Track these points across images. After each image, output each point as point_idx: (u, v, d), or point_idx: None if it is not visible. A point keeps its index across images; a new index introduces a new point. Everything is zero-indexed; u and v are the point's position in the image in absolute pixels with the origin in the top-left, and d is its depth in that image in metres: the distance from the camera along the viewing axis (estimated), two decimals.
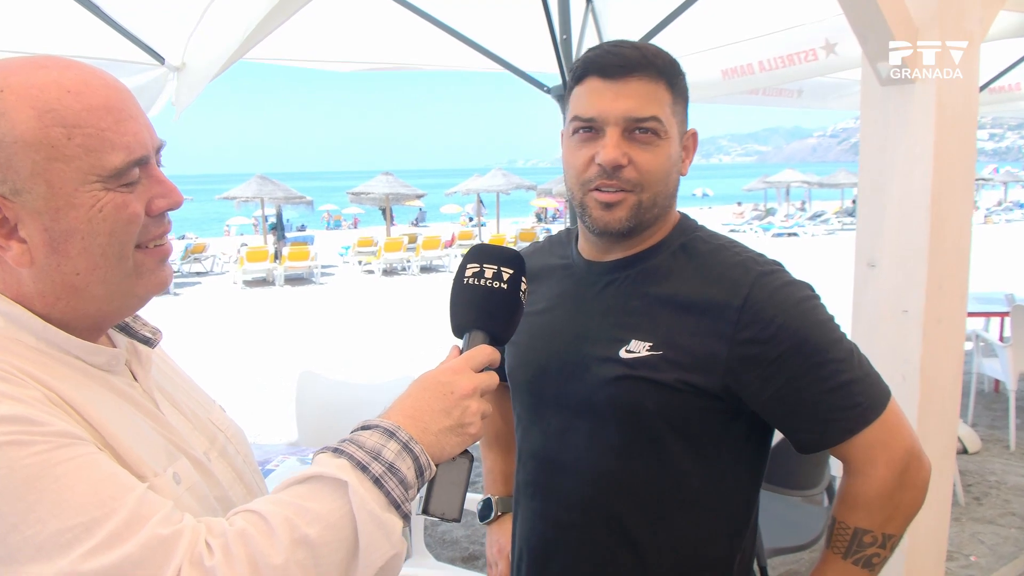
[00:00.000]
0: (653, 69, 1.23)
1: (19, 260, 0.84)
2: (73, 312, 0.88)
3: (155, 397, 0.97)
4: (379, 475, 0.83)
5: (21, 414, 0.75)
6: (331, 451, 0.85)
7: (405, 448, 0.86)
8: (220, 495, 0.96)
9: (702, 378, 1.21)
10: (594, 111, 1.23)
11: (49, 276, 0.86)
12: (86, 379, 0.88)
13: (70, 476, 0.74)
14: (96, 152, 0.82)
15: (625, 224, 1.25)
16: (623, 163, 1.22)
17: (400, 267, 20.03)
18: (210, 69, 3.03)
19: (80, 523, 0.72)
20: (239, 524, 0.78)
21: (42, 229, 0.83)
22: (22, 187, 0.81)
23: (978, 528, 4.13)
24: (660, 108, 1.23)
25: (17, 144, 0.80)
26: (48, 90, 0.81)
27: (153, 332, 1.02)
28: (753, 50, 3.96)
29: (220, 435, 1.05)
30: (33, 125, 0.80)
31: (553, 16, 3.52)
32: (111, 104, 0.84)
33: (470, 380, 0.95)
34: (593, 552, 1.32)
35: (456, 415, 0.93)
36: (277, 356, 9.75)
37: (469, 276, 1.07)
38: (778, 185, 34.21)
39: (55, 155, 0.81)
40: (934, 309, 2.16)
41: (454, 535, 4.24)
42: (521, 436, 1.45)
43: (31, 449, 0.73)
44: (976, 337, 5.75)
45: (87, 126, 0.82)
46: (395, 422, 0.89)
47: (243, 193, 20.63)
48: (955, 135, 2.13)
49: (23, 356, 0.83)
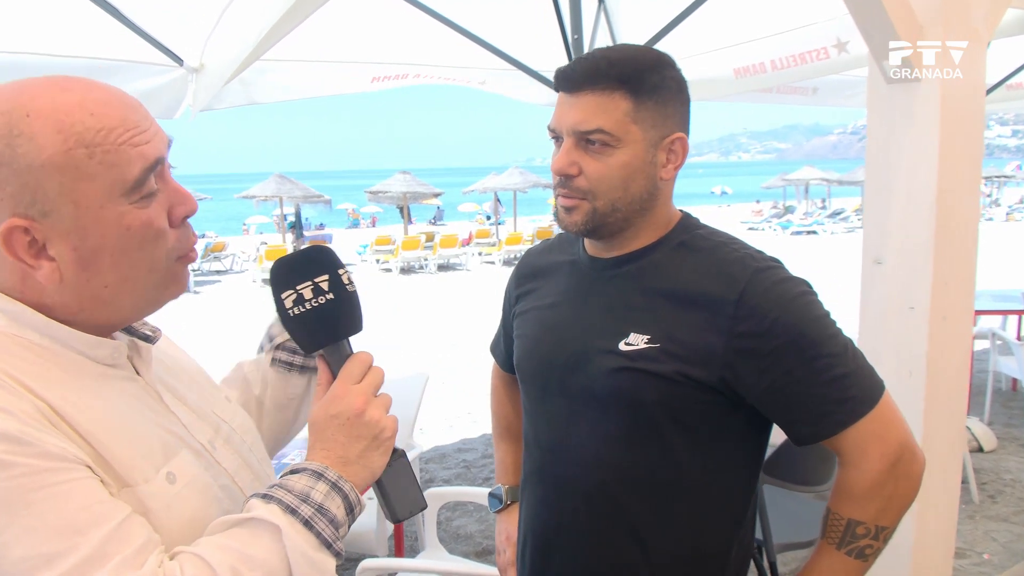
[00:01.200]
0: (606, 80, 1.26)
1: (49, 278, 0.86)
2: (94, 321, 0.91)
3: (158, 390, 1.00)
4: (308, 517, 0.86)
5: (8, 431, 0.76)
6: (260, 497, 0.88)
7: (334, 487, 0.90)
8: (225, 483, 0.99)
9: (699, 371, 1.25)
10: (554, 122, 1.32)
11: (77, 290, 0.88)
12: (86, 378, 0.90)
13: (43, 504, 0.75)
14: (116, 167, 0.85)
15: (582, 227, 1.33)
16: (572, 172, 1.29)
17: (418, 265, 20.11)
18: (228, 70, 3.09)
19: (42, 553, 0.74)
20: (189, 571, 0.80)
21: (71, 248, 0.85)
22: (50, 208, 0.84)
23: (992, 526, 4.12)
24: (608, 119, 1.26)
25: (45, 168, 0.83)
26: (73, 113, 0.84)
27: (153, 330, 1.04)
28: (765, 49, 3.96)
29: (224, 425, 1.07)
30: (59, 148, 0.83)
31: (565, 17, 3.55)
32: (126, 119, 0.87)
33: (356, 396, 0.97)
34: (594, 539, 1.36)
35: (366, 435, 0.95)
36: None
37: (293, 307, 0.99)
38: (797, 183, 33.93)
39: (80, 175, 0.83)
40: (940, 306, 2.17)
41: (468, 530, 4.28)
42: (528, 426, 1.50)
43: (11, 471, 0.75)
44: (993, 335, 5.71)
45: (105, 143, 0.85)
46: (321, 463, 0.92)
47: (262, 192, 20.77)
48: (961, 132, 2.13)
49: (22, 358, 0.85)
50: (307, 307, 0.99)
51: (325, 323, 1.00)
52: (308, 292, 0.98)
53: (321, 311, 0.99)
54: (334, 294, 0.99)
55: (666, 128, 1.31)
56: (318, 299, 0.98)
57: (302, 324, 1.00)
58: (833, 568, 1.28)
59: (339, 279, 1.00)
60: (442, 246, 20.25)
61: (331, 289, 0.99)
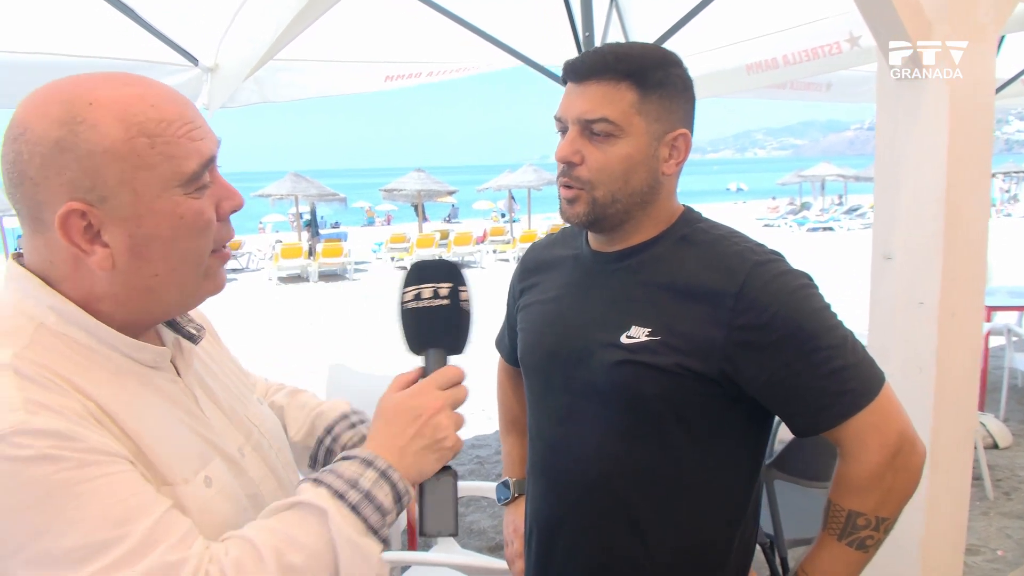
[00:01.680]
0: (614, 72, 1.29)
1: (102, 264, 0.88)
2: (140, 312, 0.93)
3: (195, 393, 1.02)
4: (356, 503, 0.89)
5: (57, 428, 0.79)
6: (311, 481, 0.91)
7: (383, 476, 0.92)
8: (252, 492, 1.01)
9: (700, 363, 1.26)
10: (561, 111, 1.35)
11: (128, 279, 0.90)
12: (130, 379, 0.92)
13: (93, 494, 0.78)
14: (175, 159, 0.88)
15: (584, 219, 1.34)
16: (575, 160, 1.31)
17: None
18: (242, 70, 3.12)
19: (95, 542, 0.77)
20: (234, 552, 0.83)
21: (126, 235, 0.88)
22: (109, 195, 0.86)
23: (1006, 523, 4.10)
24: (613, 108, 1.28)
25: (107, 155, 0.85)
26: (134, 104, 0.87)
27: (198, 329, 1.07)
28: (777, 44, 3.95)
29: (255, 430, 1.09)
30: (121, 137, 0.85)
31: (576, 14, 3.56)
32: (184, 114, 0.90)
33: (436, 399, 1.00)
34: (596, 531, 1.38)
35: (429, 434, 0.97)
36: (310, 350, 9.89)
37: (409, 301, 1.08)
38: (813, 179, 33.67)
39: (141, 164, 0.86)
40: (949, 301, 2.17)
41: (481, 525, 4.31)
42: (531, 420, 1.51)
43: (61, 464, 0.78)
44: (1008, 331, 5.67)
45: (166, 135, 0.87)
46: (372, 451, 0.94)
47: (277, 191, 20.84)
48: (970, 127, 2.13)
49: (70, 357, 0.87)
50: (421, 305, 1.07)
51: (431, 325, 1.07)
52: (427, 292, 1.08)
53: (431, 312, 1.07)
54: (449, 302, 1.07)
55: (669, 123, 1.33)
56: (432, 301, 1.07)
57: (412, 319, 1.08)
58: (834, 559, 1.29)
59: (458, 295, 1.09)
60: (456, 244, 20.29)
61: (448, 298, 1.08)
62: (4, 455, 0.76)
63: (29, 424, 0.78)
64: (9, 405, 0.79)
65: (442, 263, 1.12)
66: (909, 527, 2.33)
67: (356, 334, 11.21)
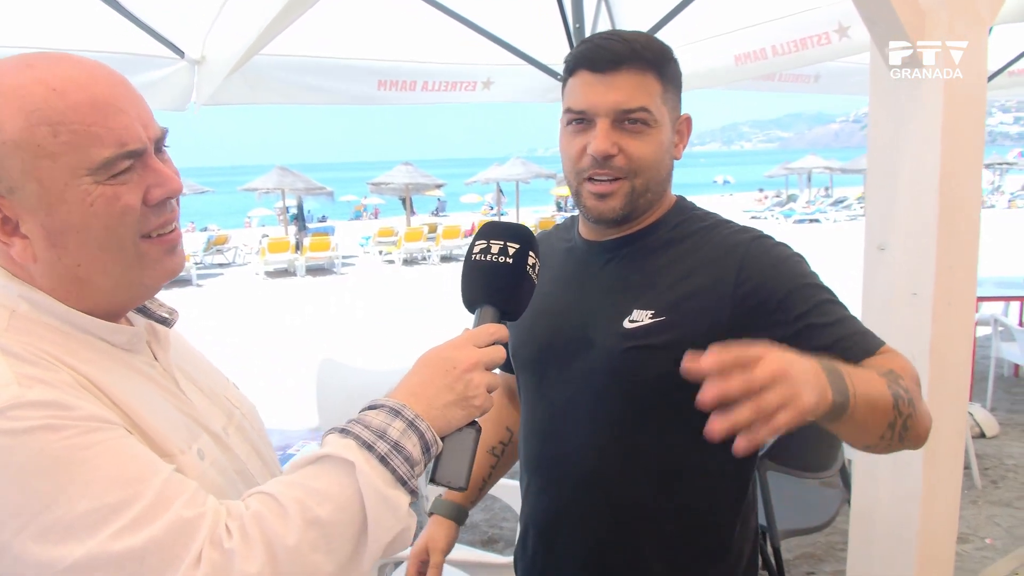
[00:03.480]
0: (641, 61, 1.28)
1: (23, 256, 0.88)
2: (84, 303, 0.91)
3: (175, 375, 1.01)
4: (384, 453, 0.86)
5: (53, 399, 0.78)
6: (338, 432, 0.88)
7: (411, 426, 0.89)
8: (239, 468, 1.00)
9: (706, 341, 1.25)
10: (585, 103, 1.30)
11: (54, 270, 0.89)
12: (110, 360, 0.91)
13: (99, 459, 0.77)
14: (83, 148, 0.84)
15: (620, 212, 1.32)
16: (613, 152, 1.28)
17: (420, 256, 20.11)
18: (229, 63, 3.09)
19: (108, 504, 0.75)
20: (254, 507, 0.81)
21: (39, 225, 0.86)
22: (16, 186, 0.85)
23: (995, 511, 4.14)
24: (649, 98, 1.28)
25: (7, 145, 0.83)
26: (34, 90, 0.84)
27: (170, 312, 1.06)
28: (766, 34, 3.93)
29: (236, 411, 1.09)
30: (20, 125, 0.83)
31: (566, 5, 3.54)
32: (97, 99, 0.86)
33: (472, 354, 0.98)
34: (595, 523, 1.37)
35: (459, 389, 0.95)
36: (298, 344, 9.86)
37: (477, 253, 1.10)
38: (799, 171, 33.84)
39: (42, 153, 0.83)
40: (944, 292, 2.17)
41: (474, 519, 4.30)
42: (526, 415, 1.50)
43: (63, 433, 0.77)
44: (995, 321, 5.73)
45: (72, 123, 0.84)
46: (401, 400, 0.92)
47: (264, 184, 20.77)
48: (964, 118, 2.13)
49: (50, 340, 0.87)
50: (487, 258, 1.09)
51: (488, 281, 1.09)
52: (496, 248, 1.09)
53: (493, 268, 1.09)
54: (514, 262, 1.08)
55: (677, 110, 1.36)
56: (499, 257, 1.08)
57: (472, 271, 1.10)
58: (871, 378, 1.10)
59: (525, 258, 1.09)
60: (445, 237, 20.25)
61: (514, 258, 1.08)
62: (4, 429, 0.75)
63: (25, 397, 0.77)
64: (3, 379, 0.78)
65: (518, 226, 1.13)
66: (905, 519, 2.34)
67: (345, 328, 11.18)
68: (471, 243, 1.13)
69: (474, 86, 4.27)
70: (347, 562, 0.83)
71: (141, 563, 0.75)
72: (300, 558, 0.79)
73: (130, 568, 0.75)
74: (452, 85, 4.23)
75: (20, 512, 0.74)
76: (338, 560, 0.82)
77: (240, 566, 0.77)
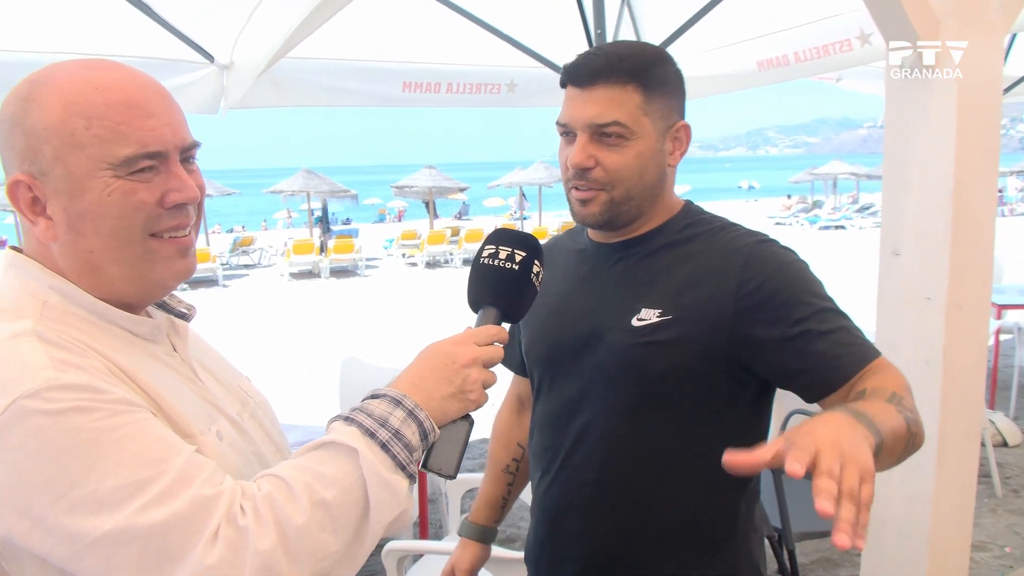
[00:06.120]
0: (619, 73, 1.31)
1: (45, 235, 0.95)
2: (98, 290, 0.98)
3: (192, 365, 1.08)
4: (386, 440, 0.92)
5: (86, 382, 0.85)
6: (343, 419, 0.94)
7: (410, 415, 0.95)
8: (255, 451, 1.07)
9: (710, 338, 1.31)
10: (567, 117, 1.37)
11: (71, 252, 0.96)
12: (133, 348, 0.98)
13: (127, 439, 0.84)
14: (109, 143, 0.92)
15: (599, 218, 1.38)
16: (589, 165, 1.34)
17: (443, 260, 20.21)
18: (257, 67, 3.16)
19: (135, 481, 0.82)
20: (266, 488, 0.87)
21: (62, 208, 0.94)
22: (47, 169, 0.93)
23: (1014, 520, 4.11)
24: (624, 111, 1.32)
25: (45, 131, 0.92)
26: (79, 86, 0.92)
27: (188, 308, 1.14)
28: (788, 41, 3.96)
29: (250, 400, 1.16)
30: (58, 115, 0.91)
31: (588, 12, 3.58)
32: (132, 101, 0.94)
33: (471, 351, 1.04)
34: (603, 513, 1.42)
35: (457, 383, 1.01)
36: (322, 344, 9.97)
37: (485, 257, 1.16)
38: (825, 177, 33.55)
39: (73, 142, 0.91)
40: (956, 297, 2.19)
41: None
42: (538, 409, 1.55)
43: (94, 415, 0.83)
44: (1019, 330, 5.67)
45: (104, 119, 0.92)
46: (402, 391, 0.98)
47: (290, 187, 20.96)
48: (978, 124, 2.14)
49: (79, 328, 0.94)
50: (494, 262, 1.15)
51: (493, 284, 1.15)
52: (503, 254, 1.15)
53: (498, 272, 1.15)
54: (519, 269, 1.14)
55: (671, 118, 1.38)
56: (506, 263, 1.15)
57: (478, 272, 1.16)
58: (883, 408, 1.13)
59: (530, 266, 1.15)
60: (468, 240, 20.32)
61: (520, 265, 1.15)
62: (39, 410, 0.81)
63: (59, 380, 0.83)
64: (39, 364, 0.84)
65: (527, 235, 1.19)
66: (916, 521, 2.35)
67: (368, 329, 11.28)
68: (481, 247, 1.19)
69: (498, 88, 4.32)
70: (351, 540, 0.89)
71: (164, 537, 0.81)
72: (308, 536, 0.85)
73: (155, 542, 0.81)
74: (476, 87, 4.27)
75: (53, 487, 0.81)
76: (343, 539, 0.88)
77: (254, 543, 0.83)
